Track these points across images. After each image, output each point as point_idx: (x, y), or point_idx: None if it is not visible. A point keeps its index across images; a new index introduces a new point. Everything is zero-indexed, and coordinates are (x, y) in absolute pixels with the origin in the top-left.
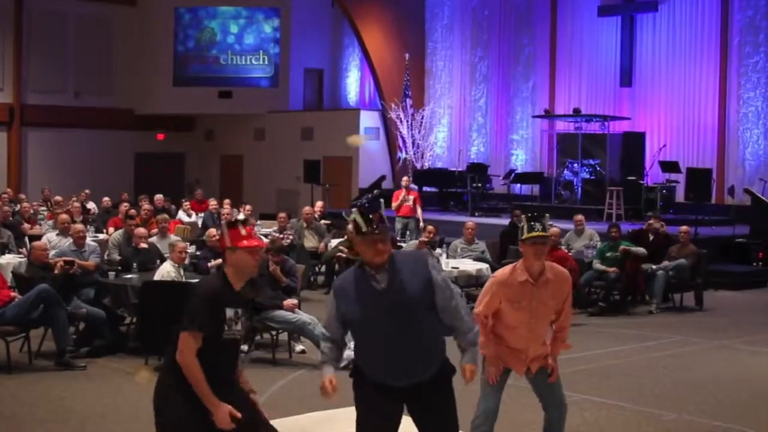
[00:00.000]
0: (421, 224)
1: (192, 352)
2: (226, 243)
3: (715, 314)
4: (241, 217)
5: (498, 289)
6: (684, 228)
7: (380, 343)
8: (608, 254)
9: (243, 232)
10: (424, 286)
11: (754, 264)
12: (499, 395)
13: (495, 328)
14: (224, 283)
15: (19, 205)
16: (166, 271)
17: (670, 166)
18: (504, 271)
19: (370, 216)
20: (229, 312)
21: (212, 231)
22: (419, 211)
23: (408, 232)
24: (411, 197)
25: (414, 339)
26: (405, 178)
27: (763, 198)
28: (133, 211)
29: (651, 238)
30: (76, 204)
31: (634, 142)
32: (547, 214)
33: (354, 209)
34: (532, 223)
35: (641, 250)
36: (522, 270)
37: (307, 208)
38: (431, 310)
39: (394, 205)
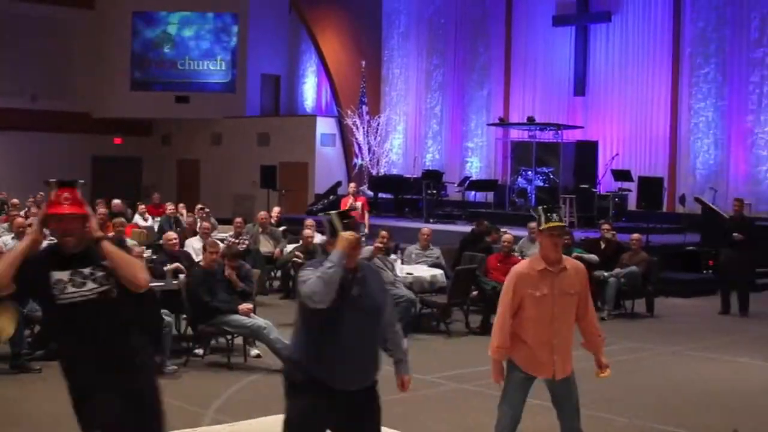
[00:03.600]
0: (365, 230)
1: None
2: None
3: (666, 321)
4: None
5: (518, 279)
6: (635, 236)
7: (344, 342)
8: None
9: (52, 196)
10: (385, 299)
11: (704, 272)
12: (523, 402)
13: (517, 331)
14: None
15: None
16: None
17: (622, 175)
18: (521, 263)
19: (347, 221)
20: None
21: (170, 234)
22: (366, 216)
23: None
24: (359, 203)
25: (371, 344)
26: (352, 185)
27: (713, 207)
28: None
29: (603, 245)
30: (34, 210)
31: (587, 150)
32: (562, 206)
33: (332, 212)
34: (549, 214)
35: (593, 257)
36: (539, 260)
37: (262, 213)
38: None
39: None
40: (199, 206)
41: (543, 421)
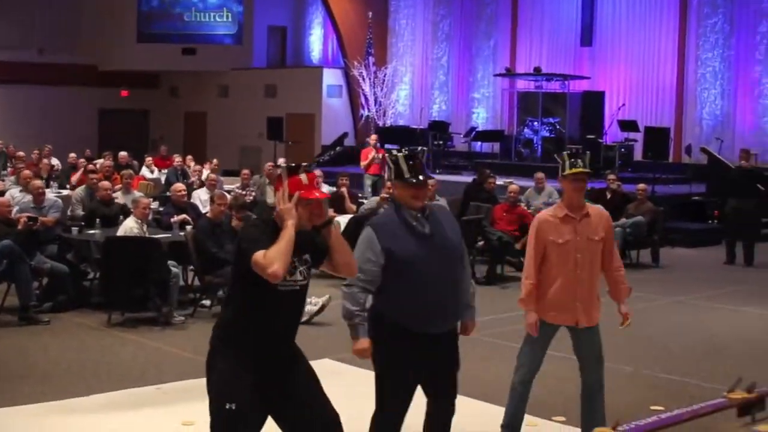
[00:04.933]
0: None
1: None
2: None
3: (672, 271)
4: (305, 163)
5: (540, 226)
6: (641, 186)
7: (425, 285)
8: None
9: (304, 180)
10: (458, 239)
11: (710, 222)
12: (544, 351)
13: (541, 279)
14: (273, 230)
15: None
16: (129, 226)
17: (628, 125)
18: (544, 211)
19: (412, 162)
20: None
21: (178, 186)
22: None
23: (377, 190)
24: (380, 155)
25: (453, 285)
26: (373, 137)
27: (719, 157)
28: (91, 166)
29: (609, 195)
30: (45, 161)
31: (594, 101)
32: (588, 152)
33: (398, 152)
34: (573, 159)
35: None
36: (561, 207)
37: (269, 165)
38: (462, 262)
39: (363, 163)
40: (215, 162)
41: (548, 370)
